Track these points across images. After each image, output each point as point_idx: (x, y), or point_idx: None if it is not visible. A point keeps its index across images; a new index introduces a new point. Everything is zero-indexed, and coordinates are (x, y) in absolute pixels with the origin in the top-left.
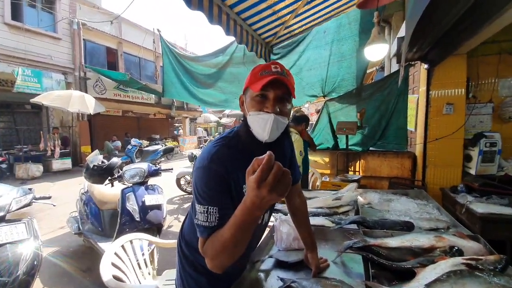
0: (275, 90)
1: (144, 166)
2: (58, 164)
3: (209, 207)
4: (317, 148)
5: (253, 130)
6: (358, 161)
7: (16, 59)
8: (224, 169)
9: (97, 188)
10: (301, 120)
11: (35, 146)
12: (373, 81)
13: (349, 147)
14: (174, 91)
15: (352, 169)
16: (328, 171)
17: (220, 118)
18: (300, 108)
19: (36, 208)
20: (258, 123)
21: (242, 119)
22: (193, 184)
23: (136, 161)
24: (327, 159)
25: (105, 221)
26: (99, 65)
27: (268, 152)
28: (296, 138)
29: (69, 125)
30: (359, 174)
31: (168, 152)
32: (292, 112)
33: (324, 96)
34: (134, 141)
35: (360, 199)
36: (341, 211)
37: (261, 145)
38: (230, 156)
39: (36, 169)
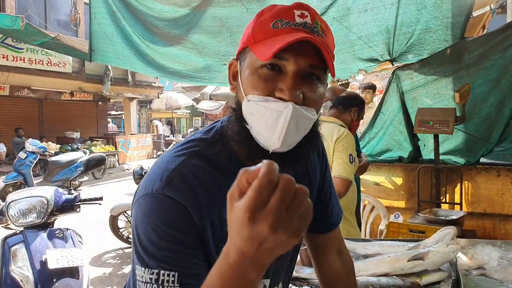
0: (299, 58)
1: (47, 192)
2: None
3: (162, 272)
4: (379, 159)
5: (253, 129)
6: (459, 185)
7: None
8: (192, 200)
9: None
10: (351, 102)
11: None
12: (485, 32)
13: (442, 157)
14: (111, 51)
15: (447, 200)
16: (401, 203)
17: (197, 101)
18: (348, 83)
19: None
20: (262, 118)
21: (233, 106)
22: (133, 229)
23: (35, 182)
24: (398, 180)
25: None
26: None
27: (265, 161)
28: (342, 133)
29: None
30: (461, 209)
31: (95, 165)
32: (329, 91)
33: (392, 61)
34: (31, 143)
35: (463, 259)
36: (426, 283)
37: (264, 157)
38: (205, 175)
39: None
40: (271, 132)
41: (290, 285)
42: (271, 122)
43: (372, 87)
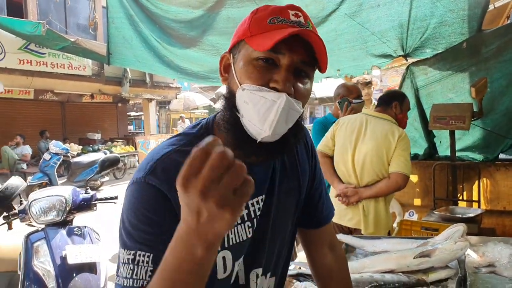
0: (293, 54)
1: (65, 192)
2: None
3: (138, 253)
4: None
5: (244, 118)
6: (477, 182)
7: None
8: (173, 190)
9: None
10: (391, 98)
11: None
12: (503, 24)
13: (459, 153)
14: (129, 54)
15: (464, 197)
16: (416, 201)
17: (214, 101)
18: (360, 81)
19: None
20: (255, 106)
21: (224, 95)
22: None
23: (60, 182)
24: (413, 178)
25: None
26: None
27: (209, 137)
28: (402, 132)
29: None
30: (479, 206)
31: (109, 166)
32: (342, 88)
33: (405, 56)
34: (54, 145)
35: (473, 256)
36: (432, 280)
37: (252, 147)
38: None
39: None
40: (262, 120)
41: (295, 281)
42: (264, 110)
43: (370, 82)
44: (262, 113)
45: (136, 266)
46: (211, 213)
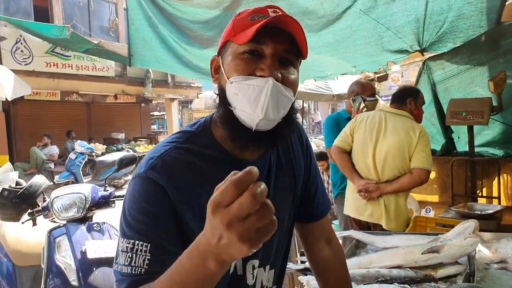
0: (275, 43)
1: (85, 189)
2: None
3: (137, 242)
4: None
5: (236, 109)
6: (497, 178)
7: None
8: (171, 183)
9: (11, 229)
10: (404, 94)
11: None
12: None
13: (478, 149)
14: (149, 55)
15: (483, 194)
16: (434, 197)
17: None
18: (386, 75)
19: None
20: (245, 95)
21: (215, 92)
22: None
23: (85, 180)
24: (431, 174)
25: (23, 287)
26: (20, 14)
27: (250, 168)
28: (423, 128)
29: None
30: (500, 203)
31: (127, 164)
32: (357, 85)
33: (422, 51)
34: (79, 145)
35: (485, 253)
36: (441, 276)
37: (249, 137)
38: (187, 164)
39: None
40: (254, 105)
41: (301, 275)
42: (253, 97)
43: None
44: (253, 100)
45: (134, 254)
46: (231, 242)
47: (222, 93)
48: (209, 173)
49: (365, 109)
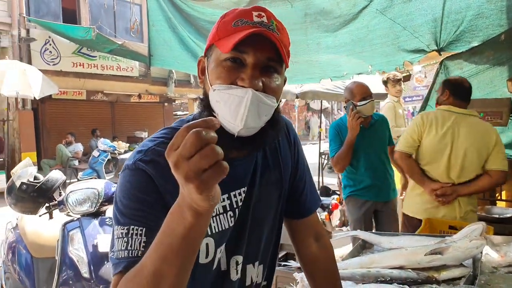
0: (257, 52)
1: (99, 185)
2: None
3: (132, 227)
4: None
5: (219, 116)
6: None
7: None
8: (158, 173)
9: (29, 222)
10: (470, 94)
11: None
12: None
13: None
14: (168, 56)
15: (503, 197)
16: None
17: None
18: (409, 75)
19: None
20: (226, 104)
21: (199, 97)
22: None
23: (108, 178)
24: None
25: (40, 278)
26: (50, 16)
27: (208, 118)
28: (495, 131)
29: (4, 118)
30: None
31: None
32: (346, 91)
33: (439, 51)
34: (102, 143)
35: (493, 256)
36: (444, 278)
37: (232, 143)
38: None
39: None
40: (234, 115)
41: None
42: (234, 106)
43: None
44: (233, 109)
45: (130, 238)
46: (181, 184)
47: (205, 98)
48: None
49: (358, 114)
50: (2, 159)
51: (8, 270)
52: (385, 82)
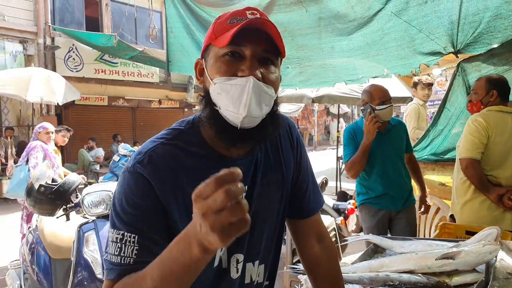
0: (254, 44)
1: (113, 187)
2: None
3: (126, 234)
4: (445, 157)
5: (221, 108)
6: None
7: None
8: (157, 177)
9: (48, 224)
10: (492, 85)
11: None
12: None
13: None
14: (186, 62)
15: None
16: None
17: None
18: (423, 81)
19: None
20: (228, 94)
21: (201, 94)
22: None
23: None
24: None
25: (57, 278)
26: (74, 24)
27: (234, 168)
28: None
29: (29, 123)
30: None
31: None
32: (365, 94)
33: (455, 53)
34: (123, 148)
35: (508, 261)
36: (456, 283)
37: (235, 138)
38: (173, 159)
39: None
40: (237, 103)
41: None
42: (236, 95)
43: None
44: (236, 98)
45: (123, 245)
46: (206, 230)
47: (206, 95)
48: (194, 169)
49: (376, 118)
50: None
51: (27, 270)
52: (415, 84)
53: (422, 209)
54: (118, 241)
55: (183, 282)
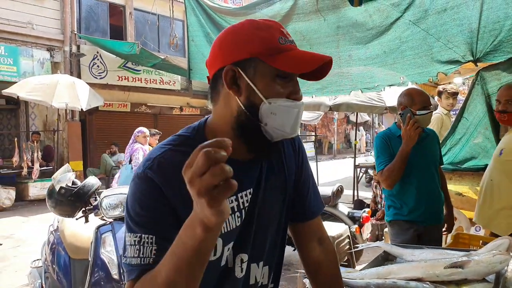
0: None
1: None
2: (36, 189)
3: (143, 236)
4: (462, 167)
5: (268, 126)
6: None
7: None
8: (166, 181)
9: (68, 224)
10: None
11: (8, 160)
12: None
13: None
14: (206, 70)
15: None
16: None
17: None
18: (448, 90)
19: None
20: (283, 116)
21: (246, 106)
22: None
23: None
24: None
25: (76, 278)
26: (98, 33)
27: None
28: None
29: (54, 128)
30: None
31: None
32: (405, 97)
33: (475, 62)
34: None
35: None
36: None
37: (268, 149)
38: (181, 164)
39: (7, 195)
40: (289, 125)
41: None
42: (292, 118)
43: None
44: (290, 121)
45: (142, 246)
46: (195, 200)
47: (253, 109)
48: None
49: (416, 123)
50: (51, 167)
51: (48, 270)
52: (439, 93)
53: (446, 227)
54: (136, 243)
55: (195, 269)
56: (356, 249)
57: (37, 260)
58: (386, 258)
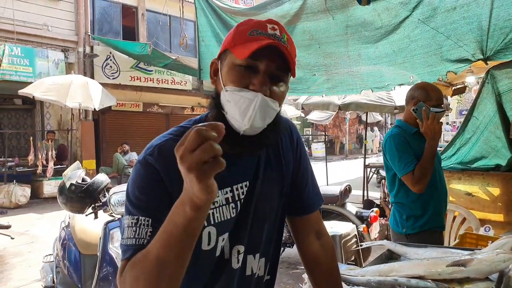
0: (269, 61)
1: None
2: (50, 186)
3: (140, 218)
4: (472, 167)
5: (228, 114)
6: None
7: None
8: (165, 168)
9: (78, 221)
10: None
11: (24, 158)
12: None
13: None
14: None
15: None
16: (498, 216)
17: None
18: (464, 87)
19: (12, 251)
20: (236, 104)
21: (212, 95)
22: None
23: None
24: (494, 191)
25: (86, 273)
26: (111, 34)
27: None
28: None
29: (68, 127)
30: None
31: None
32: (419, 90)
33: (485, 60)
34: None
35: None
36: None
37: (237, 140)
38: None
39: (22, 192)
40: (243, 115)
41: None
42: (243, 107)
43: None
44: (242, 110)
45: (138, 228)
46: (185, 175)
47: (217, 97)
48: None
49: (435, 119)
50: (65, 166)
51: (59, 264)
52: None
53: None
54: (133, 225)
55: (184, 247)
56: (360, 247)
57: (49, 255)
58: (390, 257)
